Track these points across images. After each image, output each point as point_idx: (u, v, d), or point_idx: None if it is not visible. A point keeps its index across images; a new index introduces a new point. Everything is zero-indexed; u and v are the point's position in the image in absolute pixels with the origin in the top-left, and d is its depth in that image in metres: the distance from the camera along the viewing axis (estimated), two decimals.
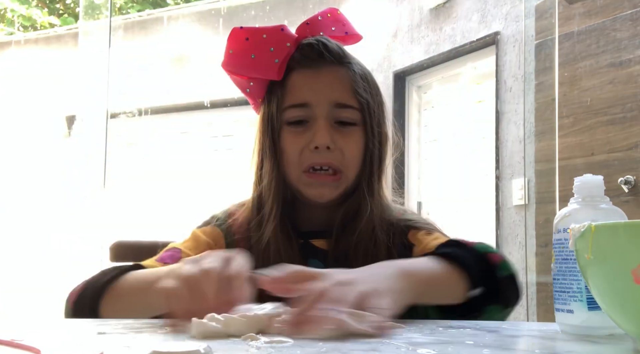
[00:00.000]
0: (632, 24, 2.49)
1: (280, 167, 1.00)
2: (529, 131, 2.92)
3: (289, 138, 0.99)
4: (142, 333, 0.64)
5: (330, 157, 0.97)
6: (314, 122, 0.98)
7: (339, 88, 1.00)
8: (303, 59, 1.00)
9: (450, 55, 3.37)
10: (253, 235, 0.99)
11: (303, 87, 0.99)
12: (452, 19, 3.37)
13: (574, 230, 0.55)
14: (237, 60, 1.01)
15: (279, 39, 1.00)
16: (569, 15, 2.72)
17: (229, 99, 4.12)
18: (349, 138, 0.99)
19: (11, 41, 5.16)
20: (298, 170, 0.98)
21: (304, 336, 0.59)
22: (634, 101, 2.46)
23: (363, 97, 1.00)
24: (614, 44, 2.54)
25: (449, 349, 0.55)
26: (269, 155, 1.00)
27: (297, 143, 0.98)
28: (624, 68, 2.51)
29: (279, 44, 0.99)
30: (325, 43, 1.01)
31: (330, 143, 0.97)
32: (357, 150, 1.00)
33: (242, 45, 1.00)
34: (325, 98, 0.98)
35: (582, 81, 2.65)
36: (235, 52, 1.01)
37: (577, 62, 2.67)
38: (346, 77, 1.00)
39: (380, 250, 0.98)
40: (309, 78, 1.00)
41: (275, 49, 0.99)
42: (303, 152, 0.98)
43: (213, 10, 4.44)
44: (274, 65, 0.99)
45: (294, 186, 1.00)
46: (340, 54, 1.02)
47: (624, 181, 2.43)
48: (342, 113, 0.99)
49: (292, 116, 0.99)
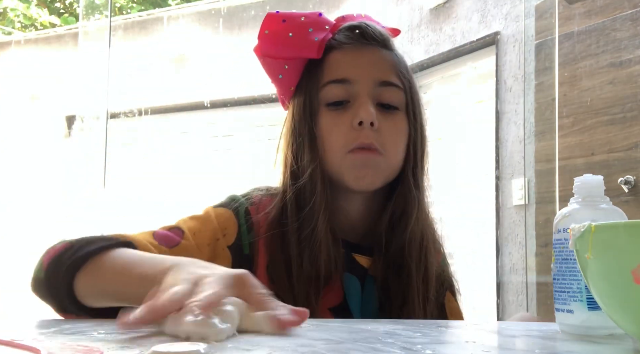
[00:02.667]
0: (632, 24, 2.49)
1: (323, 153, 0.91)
2: (529, 131, 2.92)
3: (329, 119, 0.91)
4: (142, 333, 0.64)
5: (374, 136, 0.89)
6: (355, 100, 0.91)
7: (382, 67, 0.93)
8: (345, 38, 0.95)
9: (450, 55, 3.37)
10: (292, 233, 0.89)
11: (344, 64, 0.93)
12: (452, 19, 3.37)
13: (574, 230, 0.55)
14: (273, 40, 0.94)
15: (317, 21, 0.95)
16: (569, 15, 2.72)
17: (229, 99, 4.12)
18: (393, 121, 0.92)
19: (11, 41, 5.16)
20: (341, 152, 0.90)
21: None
22: (634, 101, 2.46)
23: (406, 78, 0.95)
24: (614, 44, 2.55)
25: (449, 349, 0.55)
26: (307, 144, 0.91)
27: (339, 123, 0.90)
28: (624, 68, 2.51)
29: (318, 26, 0.94)
30: (369, 24, 0.96)
31: (375, 120, 0.89)
32: (401, 135, 0.93)
33: (279, 26, 0.94)
34: (368, 74, 0.92)
35: (582, 81, 2.65)
36: (271, 32, 0.94)
37: (577, 62, 2.67)
38: (389, 57, 0.95)
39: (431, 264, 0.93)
40: (350, 55, 0.94)
41: (314, 29, 0.94)
42: (346, 132, 0.90)
43: (213, 10, 4.44)
44: (313, 43, 0.92)
45: (335, 173, 0.91)
46: (385, 36, 0.96)
47: (624, 181, 2.43)
48: (386, 93, 0.92)
49: (332, 94, 0.92)
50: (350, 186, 0.90)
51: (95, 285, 0.76)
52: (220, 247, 0.90)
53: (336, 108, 0.91)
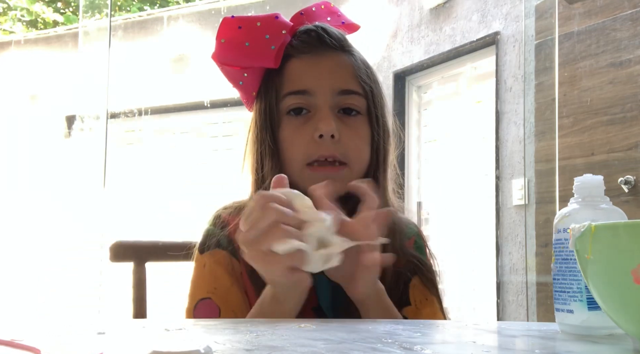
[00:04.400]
0: (632, 24, 2.49)
1: (283, 163, 0.92)
2: (529, 131, 2.92)
3: (289, 129, 0.91)
4: (142, 333, 0.64)
5: (335, 148, 0.89)
6: (316, 111, 0.91)
7: (341, 75, 0.93)
8: (302, 44, 0.93)
9: (450, 55, 3.37)
10: None
11: (303, 74, 0.92)
12: (452, 19, 3.37)
13: (574, 230, 0.55)
14: (229, 50, 0.94)
15: (274, 26, 0.93)
16: (569, 15, 2.72)
17: (229, 99, 4.12)
18: (354, 128, 0.92)
19: (11, 41, 5.16)
20: (301, 164, 0.90)
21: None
22: (634, 101, 2.46)
23: (367, 83, 0.94)
24: (614, 44, 2.55)
25: (449, 349, 0.55)
26: (268, 152, 0.92)
27: (299, 135, 0.90)
28: (624, 68, 2.51)
29: (274, 31, 0.93)
30: (325, 28, 0.95)
31: (335, 132, 0.89)
32: (364, 141, 0.93)
33: (235, 34, 0.93)
34: (327, 84, 0.91)
35: (582, 81, 2.65)
36: (227, 41, 0.94)
37: (577, 62, 2.67)
38: (349, 63, 0.94)
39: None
40: (309, 64, 0.93)
41: (271, 36, 0.92)
42: (306, 144, 0.90)
43: (213, 10, 4.44)
44: (270, 52, 0.92)
45: (296, 183, 0.89)
46: (342, 39, 0.95)
47: (624, 181, 2.43)
48: (346, 100, 0.92)
49: (292, 104, 0.91)
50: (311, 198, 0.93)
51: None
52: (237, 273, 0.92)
53: (297, 118, 0.92)
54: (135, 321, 0.79)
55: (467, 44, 3.26)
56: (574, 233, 0.55)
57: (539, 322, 2.25)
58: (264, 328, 0.65)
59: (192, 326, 0.68)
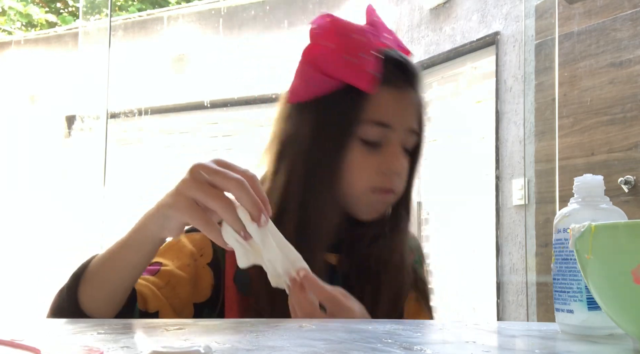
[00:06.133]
0: (632, 24, 2.49)
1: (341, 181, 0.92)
2: (529, 131, 2.92)
3: (359, 156, 0.92)
4: (142, 333, 0.64)
5: (397, 182, 0.94)
6: (388, 145, 0.92)
7: (414, 113, 0.95)
8: (391, 75, 0.92)
9: (450, 55, 3.37)
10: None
11: (390, 107, 0.92)
12: (452, 19, 3.37)
13: (574, 230, 0.55)
14: (326, 55, 0.91)
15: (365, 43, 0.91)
16: (569, 15, 2.73)
17: (229, 99, 4.12)
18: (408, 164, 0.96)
19: (11, 41, 5.16)
20: (364, 189, 0.92)
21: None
22: (634, 101, 2.46)
23: (423, 122, 0.97)
24: (614, 44, 2.55)
25: (449, 349, 0.55)
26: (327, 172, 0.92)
27: (369, 163, 0.92)
28: (624, 68, 2.51)
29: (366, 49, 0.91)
30: (410, 63, 0.96)
31: (404, 171, 0.94)
32: (411, 175, 0.98)
33: (334, 40, 0.91)
34: (406, 122, 0.93)
35: (582, 81, 2.65)
36: (326, 46, 0.91)
37: (577, 62, 2.68)
38: (420, 103, 0.97)
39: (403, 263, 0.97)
40: (396, 98, 0.93)
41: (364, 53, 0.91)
42: (374, 174, 0.92)
43: (213, 10, 4.44)
44: (367, 76, 0.90)
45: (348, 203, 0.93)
46: (421, 80, 0.97)
47: (624, 181, 2.43)
48: (410, 139, 0.95)
49: (372, 134, 0.91)
50: (358, 216, 0.95)
51: (96, 285, 0.80)
52: (201, 265, 0.91)
53: (368, 148, 0.92)
54: (135, 321, 0.80)
55: (467, 44, 3.26)
56: (574, 233, 0.55)
57: (539, 322, 2.25)
58: (264, 328, 0.65)
59: (192, 326, 0.69)
